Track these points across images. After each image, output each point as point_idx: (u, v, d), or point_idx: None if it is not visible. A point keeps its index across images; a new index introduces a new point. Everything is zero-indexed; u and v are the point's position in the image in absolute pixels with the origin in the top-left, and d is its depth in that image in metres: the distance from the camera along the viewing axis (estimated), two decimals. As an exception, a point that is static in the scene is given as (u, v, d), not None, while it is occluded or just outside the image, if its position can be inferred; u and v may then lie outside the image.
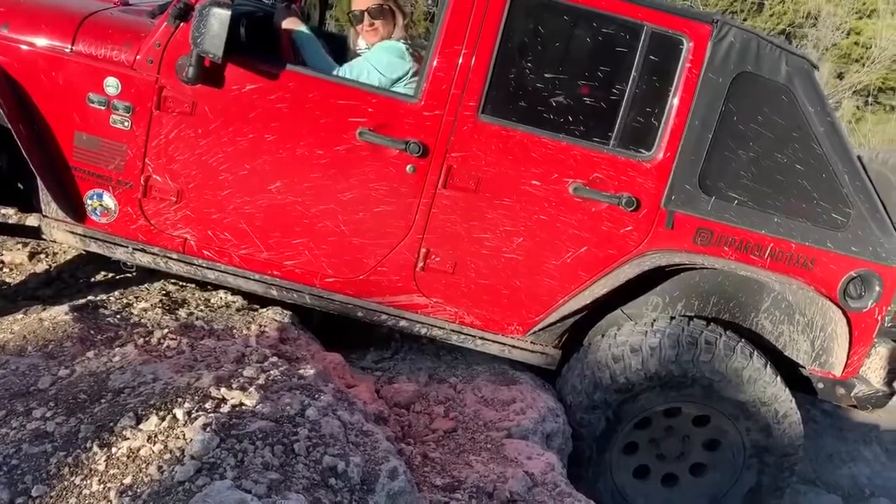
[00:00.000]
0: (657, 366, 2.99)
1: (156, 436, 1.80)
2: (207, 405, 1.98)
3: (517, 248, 3.04)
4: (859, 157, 4.09)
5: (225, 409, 1.96)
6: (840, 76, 11.79)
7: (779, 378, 3.10)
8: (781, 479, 3.19)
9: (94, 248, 3.06)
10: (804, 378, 3.31)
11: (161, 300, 3.21)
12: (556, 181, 2.98)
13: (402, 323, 3.12)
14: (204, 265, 3.08)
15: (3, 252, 3.89)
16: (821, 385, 3.31)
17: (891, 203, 3.75)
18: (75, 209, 2.98)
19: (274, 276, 3.08)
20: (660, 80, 2.95)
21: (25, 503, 1.63)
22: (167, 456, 1.71)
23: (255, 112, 2.89)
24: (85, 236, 3.04)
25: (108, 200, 2.99)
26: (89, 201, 2.98)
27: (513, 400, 2.96)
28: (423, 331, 3.14)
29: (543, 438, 2.81)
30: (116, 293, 3.26)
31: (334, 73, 3.04)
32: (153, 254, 3.07)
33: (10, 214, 3.78)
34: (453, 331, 3.15)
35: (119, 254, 3.06)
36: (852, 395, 3.28)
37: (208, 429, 1.79)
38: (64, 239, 3.06)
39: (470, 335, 3.15)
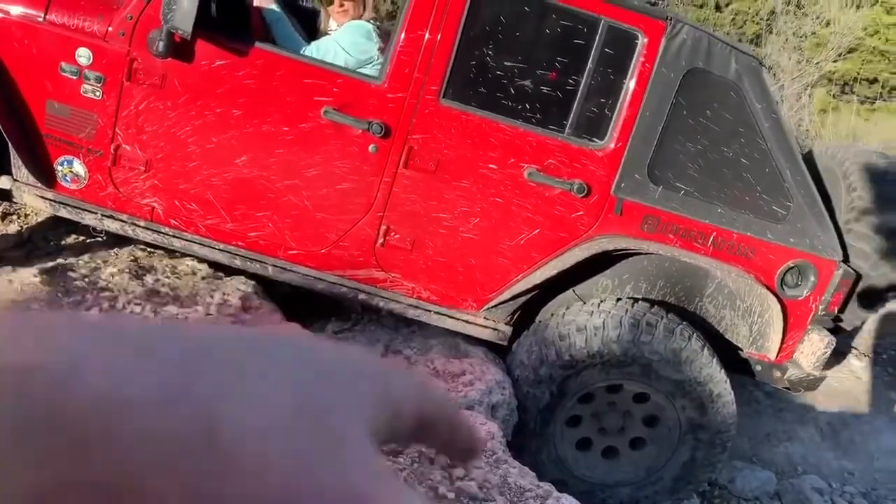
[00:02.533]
0: (600, 345, 3.15)
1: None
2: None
3: (473, 229, 3.18)
4: (810, 151, 4.25)
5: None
6: (817, 64, 11.94)
7: (715, 360, 3.28)
8: (714, 454, 3.39)
9: (63, 213, 3.16)
10: (745, 360, 3.50)
11: (129, 266, 3.32)
12: (512, 166, 3.10)
13: (362, 296, 3.26)
14: (171, 233, 3.18)
15: (-27, 212, 3.97)
16: (758, 367, 3.50)
17: (837, 197, 3.92)
18: (46, 175, 3.07)
19: (238, 247, 3.19)
20: (614, 72, 3.08)
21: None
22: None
23: (223, 87, 2.98)
24: (55, 201, 3.13)
25: (79, 167, 3.08)
26: (60, 168, 3.07)
27: (463, 372, 3.11)
28: (382, 304, 3.27)
29: (488, 409, 2.97)
30: (86, 257, 3.35)
31: (302, 52, 3.14)
32: (121, 221, 3.17)
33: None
34: (410, 305, 3.29)
35: (88, 220, 3.15)
36: (785, 377, 3.48)
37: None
38: (34, 203, 3.15)
39: (426, 309, 3.29)
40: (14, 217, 3.93)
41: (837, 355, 4.80)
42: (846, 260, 3.58)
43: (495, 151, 3.09)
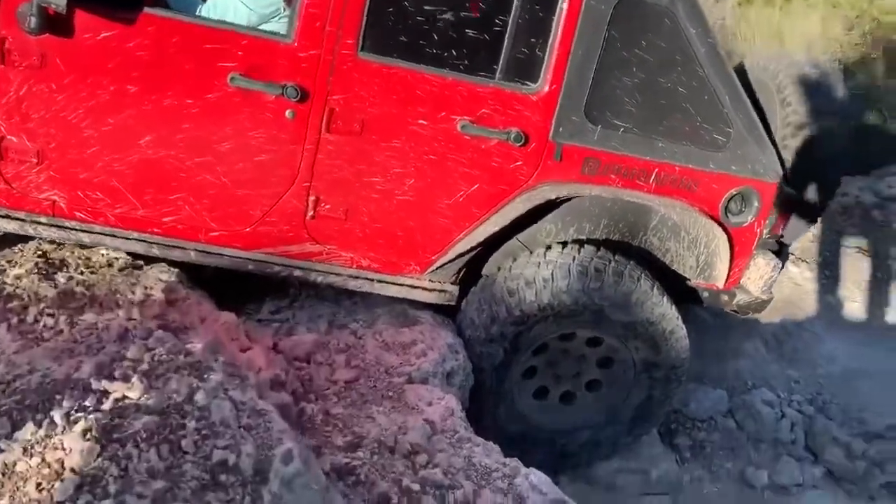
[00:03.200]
0: (550, 297, 3.06)
1: (32, 446, 1.72)
2: (88, 402, 1.90)
3: (409, 190, 2.99)
4: (742, 64, 4.15)
5: (107, 405, 1.89)
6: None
7: (665, 297, 3.23)
8: (670, 390, 3.39)
9: None
10: (691, 288, 3.47)
11: (37, 263, 3.01)
12: (444, 119, 2.90)
13: (297, 272, 3.06)
14: (77, 227, 2.90)
15: None
16: (706, 294, 3.48)
17: (771, 111, 3.86)
18: None
19: (154, 234, 2.94)
20: (542, 9, 2.87)
21: None
22: (45, 471, 1.64)
23: (112, 62, 2.66)
24: None
25: None
26: None
27: (413, 342, 2.98)
28: (320, 279, 3.09)
29: (444, 378, 2.87)
30: (-14, 259, 3.05)
31: (198, 12, 2.82)
32: (19, 219, 2.86)
33: None
34: (350, 276, 3.11)
35: None
36: (734, 302, 3.48)
37: (88, 435, 1.73)
38: None
39: (368, 279, 3.13)
40: None
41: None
42: (787, 178, 3.55)
43: (424, 105, 2.87)
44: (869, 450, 3.82)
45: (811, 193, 4.01)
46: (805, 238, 5.06)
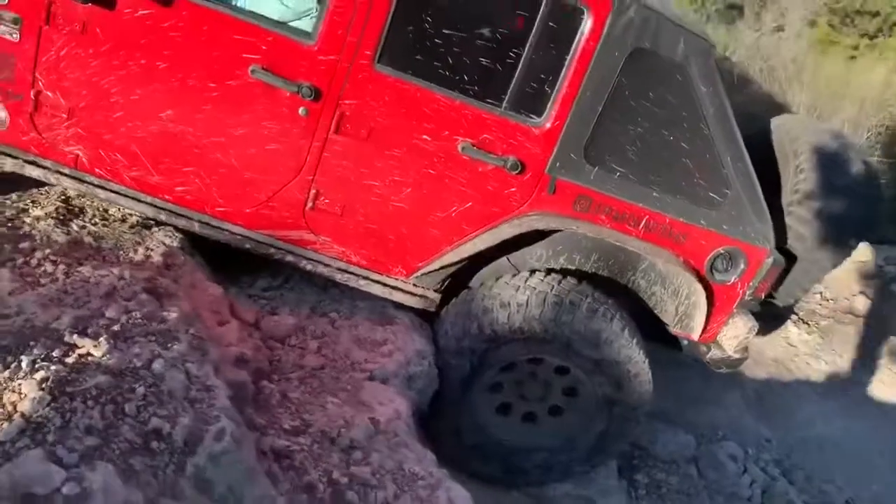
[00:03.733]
0: (521, 321, 3.18)
1: (-5, 386, 1.95)
2: (56, 353, 2.11)
3: (405, 198, 3.14)
4: (768, 122, 4.16)
5: (70, 359, 2.10)
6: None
7: (635, 341, 3.32)
8: (628, 427, 3.49)
9: None
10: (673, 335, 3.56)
11: (57, 208, 3.26)
12: (447, 138, 3.03)
13: (290, 258, 3.24)
14: (95, 183, 3.13)
15: None
16: (685, 342, 3.56)
17: (785, 175, 3.88)
18: None
19: (165, 200, 3.15)
20: (557, 48, 2.96)
21: None
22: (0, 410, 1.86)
23: (147, 38, 2.86)
24: None
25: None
26: None
27: (384, 341, 3.14)
28: (310, 267, 3.26)
29: (405, 381, 3.02)
30: (14, 196, 3.30)
31: (233, 1, 2.99)
32: (45, 167, 3.10)
33: None
34: (339, 269, 3.28)
35: (9, 165, 3.08)
36: (707, 358, 3.56)
37: (45, 384, 1.93)
38: None
39: (355, 274, 3.29)
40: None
41: (777, 320, 4.88)
42: (783, 244, 3.58)
43: (430, 122, 3.01)
44: (823, 522, 3.87)
45: (817, 256, 4.00)
46: (812, 301, 5.06)
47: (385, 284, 3.32)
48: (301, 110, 2.96)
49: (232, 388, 2.39)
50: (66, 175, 3.11)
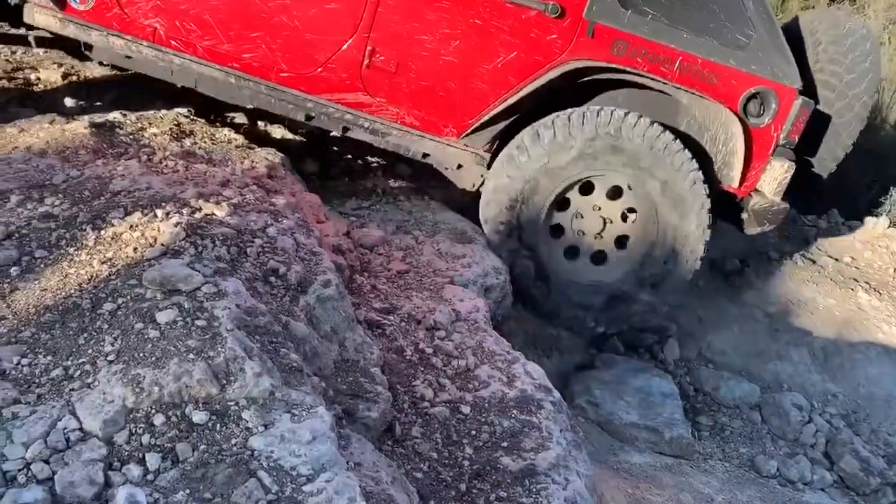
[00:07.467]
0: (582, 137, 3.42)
1: (137, 225, 2.23)
2: (184, 210, 2.39)
3: (453, 51, 3.34)
4: (797, 17, 4.21)
5: (198, 215, 2.38)
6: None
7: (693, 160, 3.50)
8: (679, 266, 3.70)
9: (71, 30, 3.36)
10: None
11: (171, 128, 3.60)
12: None
13: (347, 117, 3.46)
14: (171, 53, 3.41)
15: (40, 70, 4.29)
16: (744, 216, 3.71)
17: (801, 63, 3.86)
18: None
19: (233, 68, 3.41)
20: None
21: (30, 261, 2.08)
22: (142, 240, 2.14)
23: None
24: (64, 20, 3.34)
25: None
26: None
27: (464, 255, 3.36)
28: (367, 125, 3.48)
29: (482, 290, 3.22)
30: (133, 117, 3.65)
31: None
32: (126, 40, 3.38)
33: (3, 26, 4.09)
34: (394, 128, 3.50)
35: (94, 37, 3.36)
36: (750, 207, 3.63)
37: (179, 226, 2.21)
38: (44, 22, 3.38)
39: (409, 132, 3.50)
40: (73, 77, 4.26)
41: (848, 282, 4.91)
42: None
43: None
44: (888, 471, 3.88)
45: (823, 153, 3.97)
46: (886, 272, 5.07)
47: (437, 141, 3.52)
48: None
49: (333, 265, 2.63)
50: (145, 47, 3.38)
